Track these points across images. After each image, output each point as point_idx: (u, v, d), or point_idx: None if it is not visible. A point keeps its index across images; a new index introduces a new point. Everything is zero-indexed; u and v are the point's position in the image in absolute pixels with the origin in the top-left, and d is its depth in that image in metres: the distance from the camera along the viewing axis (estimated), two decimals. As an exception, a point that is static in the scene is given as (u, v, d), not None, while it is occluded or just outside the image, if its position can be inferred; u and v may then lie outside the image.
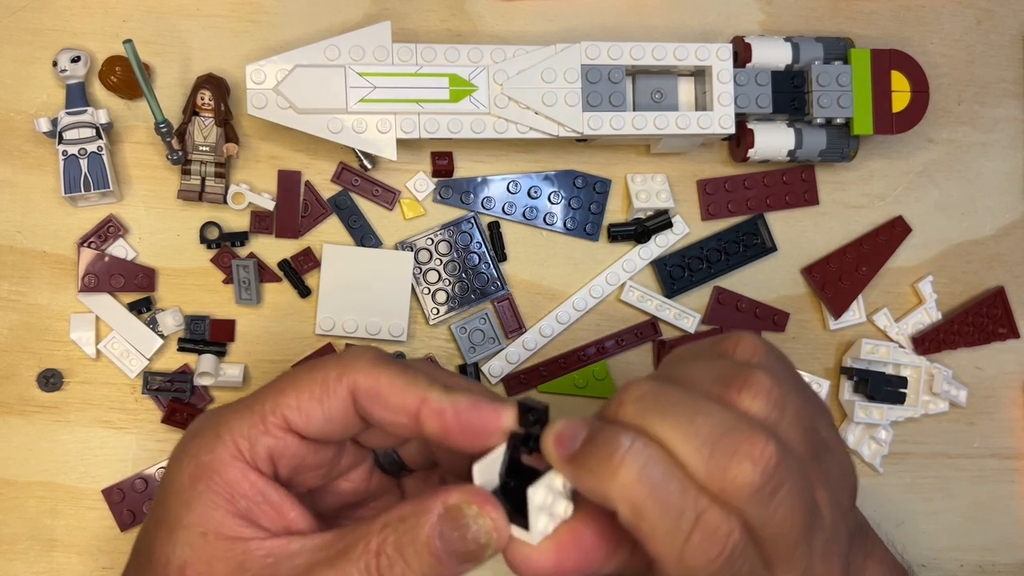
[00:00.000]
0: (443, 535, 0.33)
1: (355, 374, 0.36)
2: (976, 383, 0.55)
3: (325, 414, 0.36)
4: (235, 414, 0.37)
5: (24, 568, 0.50)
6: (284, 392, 0.37)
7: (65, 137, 0.49)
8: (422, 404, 0.36)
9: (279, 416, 0.36)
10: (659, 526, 0.32)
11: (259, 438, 0.36)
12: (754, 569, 0.33)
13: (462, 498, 0.34)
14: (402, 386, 0.36)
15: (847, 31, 0.55)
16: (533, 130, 0.50)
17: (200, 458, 0.36)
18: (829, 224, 0.55)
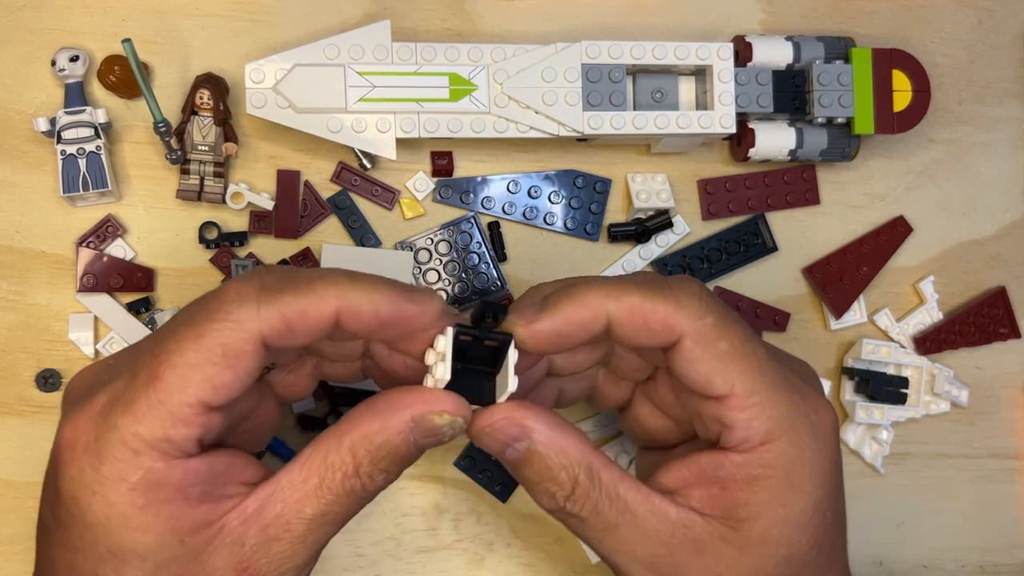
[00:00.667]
0: (418, 443, 0.36)
1: (257, 324, 0.34)
2: (977, 383, 0.55)
3: (240, 378, 0.34)
4: (140, 420, 0.33)
5: (23, 568, 0.49)
6: (189, 381, 0.33)
7: (64, 137, 0.49)
8: (337, 314, 0.35)
9: (196, 405, 0.33)
10: (645, 297, 0.36)
11: (183, 433, 0.33)
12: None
13: (427, 409, 0.35)
14: (311, 308, 0.34)
15: (848, 30, 0.55)
16: (533, 129, 0.50)
17: (129, 480, 0.33)
18: (830, 224, 0.55)
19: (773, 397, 0.37)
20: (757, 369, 0.37)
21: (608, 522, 0.37)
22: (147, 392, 0.33)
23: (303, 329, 0.34)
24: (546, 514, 0.52)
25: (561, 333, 0.37)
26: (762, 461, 0.36)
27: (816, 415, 0.38)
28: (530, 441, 0.36)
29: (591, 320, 0.37)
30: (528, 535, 0.52)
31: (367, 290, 0.35)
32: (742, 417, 0.36)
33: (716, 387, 0.36)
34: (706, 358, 0.36)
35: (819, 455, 0.37)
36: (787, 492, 0.37)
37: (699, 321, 0.36)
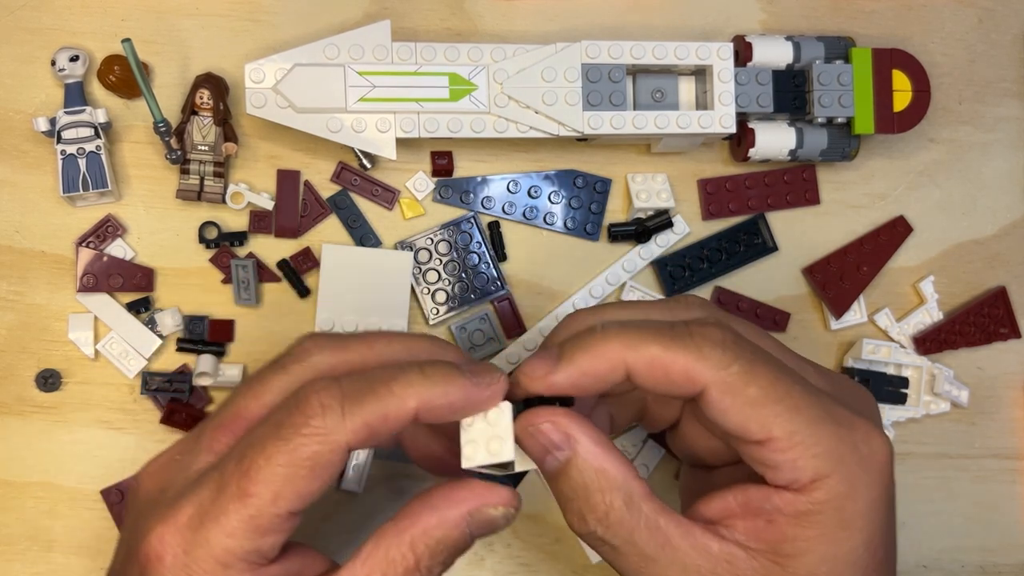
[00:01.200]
0: (473, 534, 0.36)
1: (342, 436, 0.34)
2: (977, 383, 0.55)
3: (325, 483, 0.35)
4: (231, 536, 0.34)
5: (23, 569, 0.49)
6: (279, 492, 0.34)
7: (63, 136, 0.49)
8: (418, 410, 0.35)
9: (284, 514, 0.34)
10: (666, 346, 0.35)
11: (271, 542, 0.35)
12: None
13: (483, 502, 0.35)
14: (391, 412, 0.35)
15: (848, 30, 0.55)
16: (533, 129, 0.49)
17: None
18: (830, 224, 0.55)
19: (816, 434, 0.35)
20: (794, 409, 0.35)
21: (645, 554, 0.36)
22: (238, 507, 0.34)
23: (385, 431, 0.35)
24: (546, 514, 0.52)
25: (577, 386, 0.36)
26: (811, 499, 0.35)
27: (867, 447, 0.36)
28: (572, 452, 0.36)
29: (608, 372, 0.36)
30: (528, 535, 0.52)
31: (440, 384, 0.36)
32: (785, 459, 0.35)
33: (753, 433, 0.35)
34: (737, 407, 0.35)
35: (871, 489, 0.36)
36: (838, 529, 0.35)
37: (723, 371, 0.35)
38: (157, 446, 0.50)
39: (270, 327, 0.51)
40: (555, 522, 0.52)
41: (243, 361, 0.51)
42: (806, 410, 0.35)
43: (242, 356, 0.51)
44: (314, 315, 0.51)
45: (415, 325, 0.52)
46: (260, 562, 0.35)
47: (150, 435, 0.51)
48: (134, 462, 0.50)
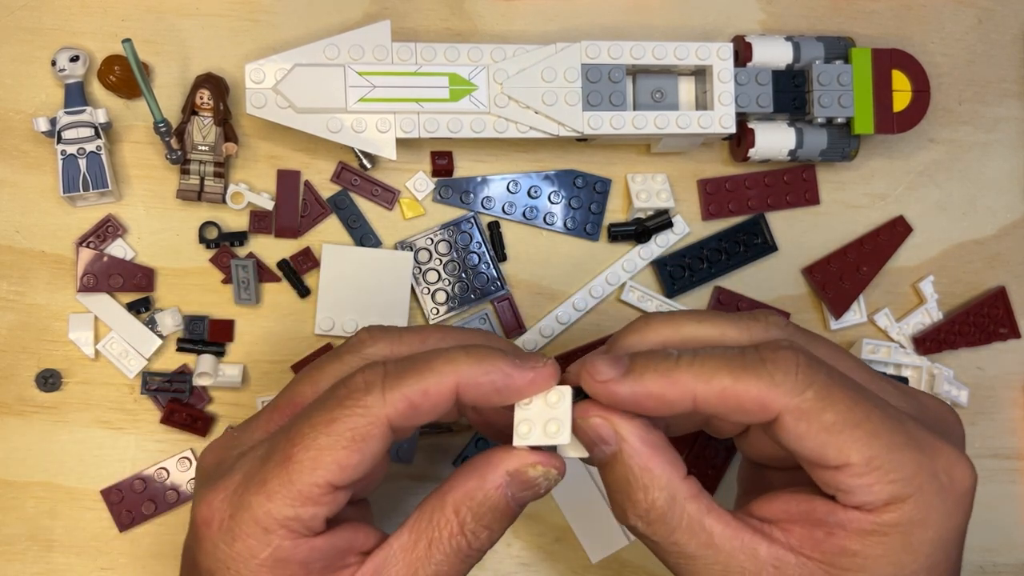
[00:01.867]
0: (515, 496, 0.36)
1: (384, 410, 0.35)
2: (977, 383, 0.55)
3: (367, 460, 0.36)
4: (272, 500, 0.35)
5: (23, 568, 0.49)
6: (320, 460, 0.35)
7: (64, 137, 0.49)
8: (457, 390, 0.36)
9: (325, 485, 0.35)
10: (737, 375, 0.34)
11: (311, 512, 0.35)
12: None
13: (522, 461, 0.36)
14: (432, 388, 0.36)
15: (848, 30, 0.55)
16: (533, 129, 0.50)
17: (258, 557, 0.35)
18: (830, 224, 0.55)
19: (895, 461, 0.34)
20: (873, 434, 0.34)
21: (686, 552, 0.35)
22: (279, 473, 0.35)
23: (427, 408, 0.36)
24: (546, 514, 0.52)
25: (639, 405, 0.36)
26: (881, 520, 0.34)
27: (948, 476, 0.35)
28: (618, 449, 0.36)
29: (676, 400, 0.35)
30: (528, 535, 0.52)
31: (483, 363, 0.36)
32: (861, 484, 0.34)
33: (830, 460, 0.34)
34: (813, 433, 0.34)
35: (946, 519, 0.35)
36: (902, 553, 0.34)
37: (798, 398, 0.34)
38: (157, 446, 0.51)
39: (270, 327, 0.51)
40: (555, 522, 0.52)
41: (243, 361, 0.51)
42: (886, 435, 0.34)
43: (242, 356, 0.51)
44: (314, 315, 0.51)
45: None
46: (303, 532, 0.35)
47: (150, 435, 0.51)
48: (134, 462, 0.50)
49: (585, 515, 0.52)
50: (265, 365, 0.51)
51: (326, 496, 0.35)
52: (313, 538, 0.36)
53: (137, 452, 0.50)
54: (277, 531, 0.35)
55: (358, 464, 0.35)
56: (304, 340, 0.52)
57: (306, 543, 0.35)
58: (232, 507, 0.36)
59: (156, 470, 0.50)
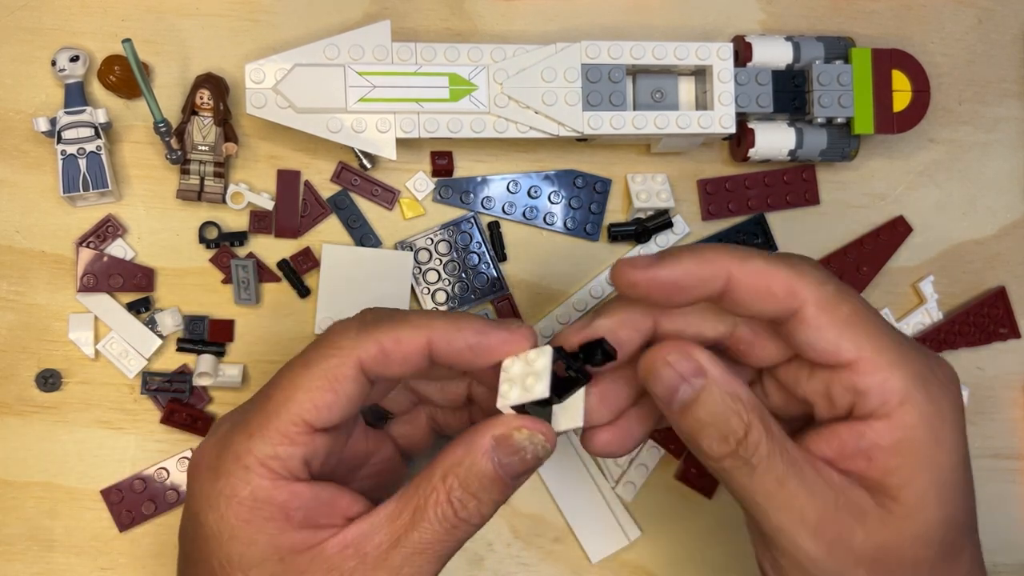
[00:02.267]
0: (502, 463, 0.36)
1: (355, 351, 0.37)
2: (977, 383, 0.55)
3: (341, 401, 0.37)
4: (252, 437, 0.36)
5: (23, 568, 0.49)
6: (294, 399, 0.36)
7: (64, 137, 0.49)
8: (430, 343, 0.37)
9: (300, 424, 0.36)
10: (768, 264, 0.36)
11: (288, 451, 0.36)
12: None
13: (508, 426, 0.36)
14: (405, 336, 0.37)
15: (848, 30, 0.55)
16: (533, 129, 0.50)
17: (239, 495, 0.36)
18: (830, 224, 0.55)
19: (903, 356, 0.36)
20: (882, 331, 0.36)
21: (779, 474, 0.35)
22: (258, 414, 0.37)
23: (399, 356, 0.37)
24: (546, 514, 0.52)
25: (679, 283, 0.36)
26: (904, 423, 0.35)
27: (941, 371, 0.37)
28: (705, 379, 0.36)
29: (711, 277, 0.36)
30: (528, 535, 0.52)
31: (457, 322, 0.37)
32: (876, 380, 0.35)
33: (845, 352, 0.36)
34: (831, 323, 0.36)
35: (955, 411, 0.36)
36: (935, 450, 0.35)
37: (821, 288, 0.36)
38: (157, 446, 0.51)
39: (270, 327, 0.51)
40: (555, 522, 0.52)
41: (243, 361, 0.51)
42: (891, 335, 0.36)
43: (242, 356, 0.51)
44: (314, 315, 0.51)
45: (415, 325, 0.52)
46: (282, 473, 0.36)
47: (150, 435, 0.51)
48: (134, 462, 0.50)
49: (585, 515, 0.52)
50: (265, 365, 0.51)
51: (303, 436, 0.36)
52: (293, 482, 0.36)
53: (137, 452, 0.50)
54: (257, 469, 0.36)
55: (332, 404, 0.36)
56: (304, 340, 0.51)
57: (286, 486, 0.36)
58: (217, 449, 0.37)
59: (156, 470, 0.50)
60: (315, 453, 0.37)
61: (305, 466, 0.37)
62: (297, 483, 0.36)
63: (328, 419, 0.37)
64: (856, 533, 0.35)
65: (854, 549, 0.35)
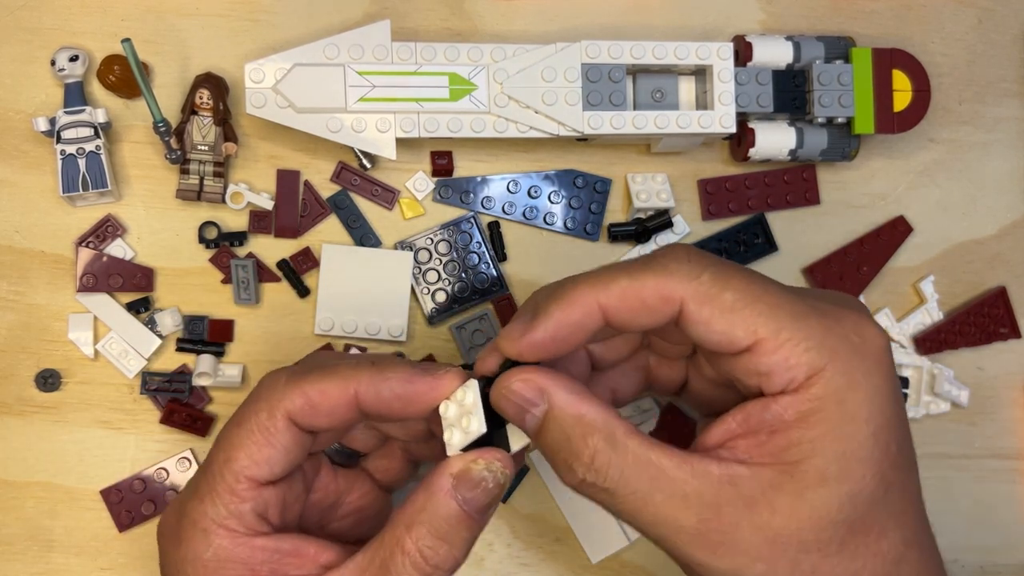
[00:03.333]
0: (466, 499, 0.36)
1: (281, 403, 0.37)
2: (977, 383, 0.55)
3: (279, 453, 0.38)
4: (203, 502, 0.37)
5: (22, 569, 0.49)
6: (233, 457, 0.37)
7: (63, 136, 0.49)
8: (356, 395, 0.37)
9: (244, 480, 0.37)
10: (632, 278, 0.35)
11: (239, 508, 0.37)
12: None
13: (463, 462, 0.36)
14: (331, 388, 0.37)
15: (848, 30, 0.55)
16: (533, 129, 0.49)
17: (202, 558, 0.37)
18: (830, 224, 0.55)
19: (804, 329, 0.34)
20: (775, 306, 0.34)
21: (640, 492, 0.34)
22: (205, 478, 0.38)
23: (325, 408, 0.37)
24: (546, 514, 0.52)
25: (556, 338, 0.36)
26: (810, 395, 0.34)
27: (859, 336, 0.35)
28: (548, 405, 0.35)
29: (584, 317, 0.35)
30: (528, 535, 0.52)
31: (383, 370, 0.37)
32: (777, 359, 0.34)
33: (739, 339, 0.34)
34: (717, 315, 0.34)
35: (871, 377, 0.34)
36: (842, 424, 0.33)
37: (695, 282, 0.34)
38: (157, 446, 0.51)
39: (270, 327, 0.51)
40: (555, 522, 0.52)
41: (243, 361, 0.51)
42: (787, 306, 0.34)
43: (242, 356, 0.51)
44: (314, 315, 0.51)
45: (415, 325, 0.52)
46: (241, 531, 0.37)
47: (150, 435, 0.51)
48: (134, 462, 0.50)
49: (585, 515, 0.52)
50: (265, 365, 0.51)
51: (250, 491, 0.37)
52: (253, 537, 0.37)
53: (137, 452, 0.50)
54: (215, 531, 0.37)
55: (270, 456, 0.37)
56: (304, 340, 0.52)
57: (247, 542, 0.37)
58: (176, 516, 0.38)
59: (156, 470, 0.50)
60: (267, 505, 0.38)
61: (261, 519, 0.38)
62: (258, 538, 0.37)
63: (270, 472, 0.38)
64: (742, 528, 0.34)
65: (742, 544, 0.33)
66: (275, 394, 0.38)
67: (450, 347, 0.52)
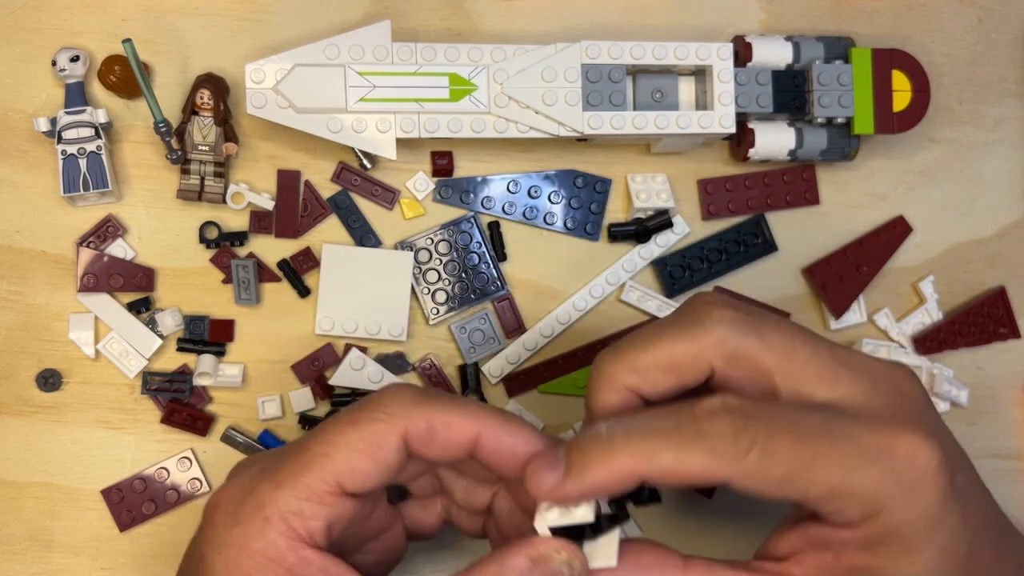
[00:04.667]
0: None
1: (404, 421, 0.35)
2: (977, 383, 0.55)
3: (379, 469, 0.35)
4: (279, 488, 0.35)
5: (23, 569, 0.49)
6: (333, 456, 0.35)
7: (64, 137, 0.49)
8: (479, 437, 0.36)
9: (332, 483, 0.35)
10: (676, 450, 0.33)
11: (314, 510, 0.35)
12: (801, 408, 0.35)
13: (546, 547, 0.35)
14: (457, 422, 0.36)
15: (848, 30, 0.55)
16: (533, 129, 0.50)
17: (251, 547, 0.34)
18: (830, 224, 0.55)
19: (857, 483, 0.33)
20: (827, 463, 0.33)
21: None
22: (292, 465, 0.35)
23: (444, 439, 0.36)
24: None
25: (593, 495, 0.35)
26: (870, 533, 0.34)
27: (911, 468, 0.34)
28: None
29: (621, 483, 0.34)
30: (528, 535, 0.52)
31: (511, 426, 0.36)
32: (831, 510, 0.34)
33: (792, 498, 0.34)
34: (767, 487, 0.34)
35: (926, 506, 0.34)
36: (903, 553, 0.34)
37: (742, 463, 0.33)
38: (157, 446, 0.51)
39: (270, 327, 0.51)
40: (555, 522, 0.52)
41: (243, 361, 0.51)
42: (839, 461, 0.34)
43: (242, 356, 0.51)
44: (314, 315, 0.51)
45: (415, 325, 0.52)
46: (301, 533, 0.35)
47: (150, 435, 0.51)
48: (134, 462, 0.50)
49: (585, 515, 0.52)
50: (265, 365, 0.51)
51: (333, 497, 0.35)
52: (308, 547, 0.35)
53: (137, 452, 0.50)
54: (276, 523, 0.34)
55: (370, 470, 0.35)
56: (304, 340, 0.52)
57: (300, 549, 0.35)
58: (242, 493, 0.36)
59: (156, 470, 0.50)
60: (339, 518, 0.36)
61: (326, 531, 0.35)
62: (310, 549, 0.35)
63: (362, 484, 0.35)
64: None
65: None
66: (400, 409, 0.36)
67: (450, 347, 0.52)
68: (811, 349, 0.36)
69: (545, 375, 0.52)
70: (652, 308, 0.53)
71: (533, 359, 0.53)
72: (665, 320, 0.39)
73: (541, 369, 0.52)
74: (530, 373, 0.52)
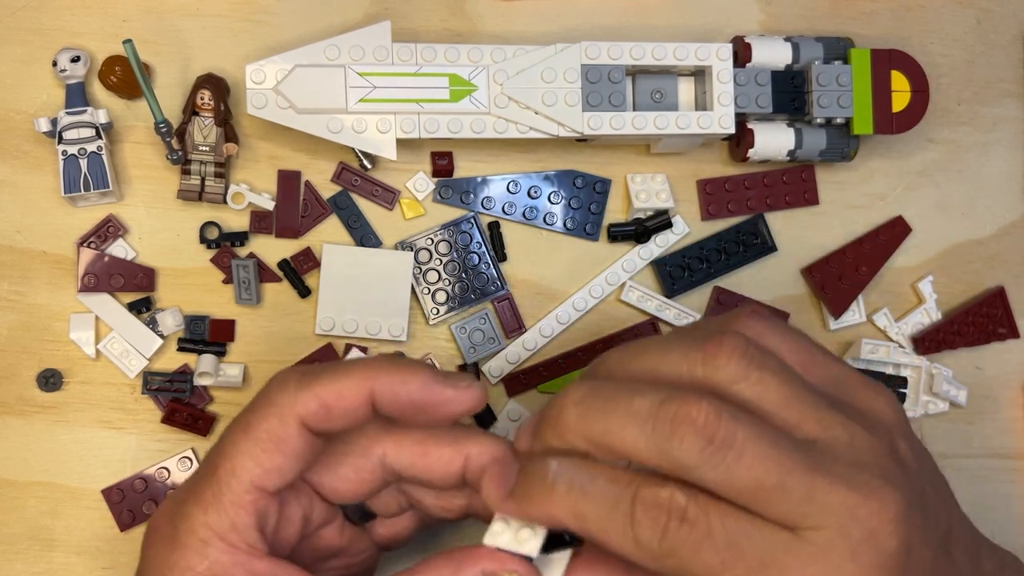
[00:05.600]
0: None
1: (294, 408, 0.36)
2: (976, 383, 0.55)
3: (291, 459, 0.36)
4: (207, 510, 0.35)
5: (23, 568, 0.50)
6: (241, 466, 0.36)
7: (65, 137, 0.49)
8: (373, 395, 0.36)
9: (252, 491, 0.35)
10: (604, 523, 0.33)
11: (246, 521, 0.35)
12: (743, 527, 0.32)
13: (499, 565, 0.35)
14: (346, 389, 0.36)
15: (847, 31, 0.55)
16: (533, 130, 0.50)
17: (195, 569, 0.35)
18: (829, 224, 0.55)
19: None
20: None
21: None
22: (210, 484, 0.36)
23: (340, 410, 0.36)
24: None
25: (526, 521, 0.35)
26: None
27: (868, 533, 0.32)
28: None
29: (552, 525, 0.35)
30: (528, 534, 0.52)
31: (402, 372, 0.36)
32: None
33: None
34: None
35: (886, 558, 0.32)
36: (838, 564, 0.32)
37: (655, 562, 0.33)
38: (158, 446, 0.51)
39: (271, 327, 0.52)
40: (555, 521, 0.52)
41: (244, 361, 0.51)
42: None
43: (243, 356, 0.51)
44: (314, 315, 0.51)
45: (415, 325, 0.52)
46: (240, 546, 0.35)
47: (151, 435, 0.51)
48: (135, 462, 0.51)
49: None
50: (266, 365, 0.51)
51: (258, 501, 0.35)
52: (252, 558, 0.35)
53: (138, 452, 0.51)
54: (215, 543, 0.35)
55: (281, 465, 0.36)
56: (304, 340, 0.52)
57: (245, 563, 0.35)
58: (174, 516, 0.36)
59: (157, 470, 0.50)
60: (268, 517, 0.36)
61: (261, 535, 0.36)
62: (256, 560, 0.35)
63: (281, 480, 0.36)
64: None
65: None
66: (286, 399, 0.36)
67: (450, 347, 0.52)
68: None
69: (545, 375, 0.52)
70: (651, 308, 0.53)
71: (533, 359, 0.53)
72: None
73: (541, 369, 0.52)
74: (530, 373, 0.52)
